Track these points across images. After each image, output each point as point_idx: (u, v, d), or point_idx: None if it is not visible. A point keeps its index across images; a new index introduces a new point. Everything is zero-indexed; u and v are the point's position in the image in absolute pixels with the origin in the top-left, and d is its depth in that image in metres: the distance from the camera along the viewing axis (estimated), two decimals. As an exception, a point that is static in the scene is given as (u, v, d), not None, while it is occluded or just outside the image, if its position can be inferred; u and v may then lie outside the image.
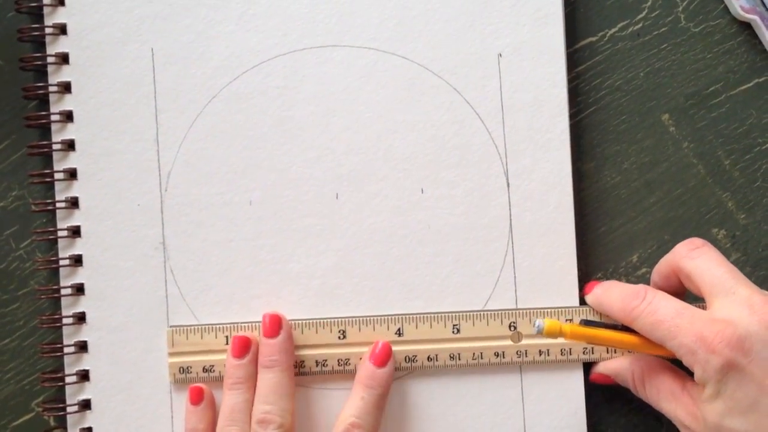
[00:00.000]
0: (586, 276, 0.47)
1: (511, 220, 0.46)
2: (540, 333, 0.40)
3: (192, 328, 0.46)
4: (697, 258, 0.41)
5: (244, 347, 0.45)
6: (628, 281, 0.47)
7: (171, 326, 0.46)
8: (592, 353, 0.45)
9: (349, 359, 0.46)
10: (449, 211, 0.46)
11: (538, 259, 0.46)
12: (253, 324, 0.46)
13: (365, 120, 0.47)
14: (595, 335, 0.42)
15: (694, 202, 0.48)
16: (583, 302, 0.46)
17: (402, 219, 0.46)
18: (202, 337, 0.46)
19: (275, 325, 0.45)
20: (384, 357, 0.45)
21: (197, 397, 0.45)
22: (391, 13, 0.46)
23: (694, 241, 0.42)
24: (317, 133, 0.47)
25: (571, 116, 0.47)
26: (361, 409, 0.44)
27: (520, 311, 0.46)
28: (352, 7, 0.46)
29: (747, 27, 0.48)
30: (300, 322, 0.46)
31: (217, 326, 0.46)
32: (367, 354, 0.45)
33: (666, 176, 0.48)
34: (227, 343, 0.46)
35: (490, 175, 0.46)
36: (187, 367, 0.46)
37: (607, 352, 0.45)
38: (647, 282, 0.47)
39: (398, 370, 0.46)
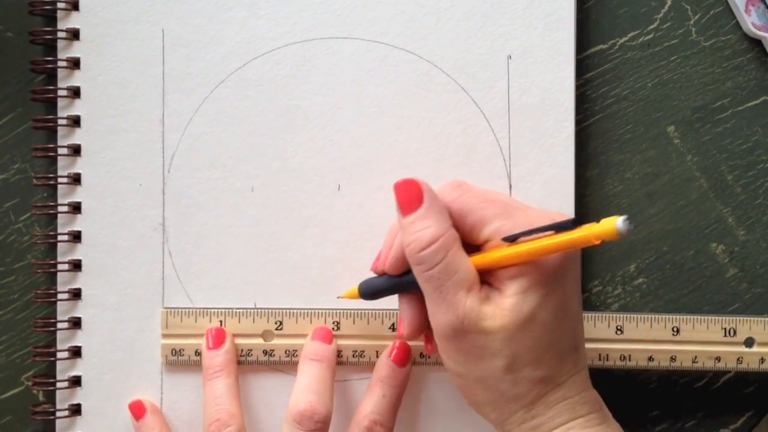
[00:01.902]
0: (583, 283, 0.47)
1: (511, 222, 0.46)
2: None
3: (186, 310, 0.46)
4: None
5: (220, 338, 0.45)
6: (624, 290, 0.48)
7: (166, 308, 0.46)
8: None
9: (341, 351, 0.46)
10: (450, 209, 0.46)
11: (535, 262, 0.46)
12: (246, 310, 0.46)
13: (371, 113, 0.47)
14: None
15: (695, 215, 0.48)
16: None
17: (402, 215, 0.46)
18: (196, 321, 0.46)
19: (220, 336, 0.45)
20: (405, 357, 0.45)
21: (139, 411, 0.46)
22: (403, 9, 0.46)
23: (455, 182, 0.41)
24: (322, 123, 0.47)
25: (577, 122, 0.47)
26: (383, 406, 0.44)
27: None
28: (365, 1, 0.46)
29: (757, 44, 0.48)
30: (294, 311, 0.46)
31: (212, 310, 0.46)
32: (386, 352, 0.45)
33: (668, 188, 0.48)
34: (221, 327, 0.46)
35: (493, 176, 0.46)
36: (180, 350, 0.46)
37: (599, 360, 0.45)
38: (644, 291, 0.47)
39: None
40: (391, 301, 0.46)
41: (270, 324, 0.46)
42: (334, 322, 0.46)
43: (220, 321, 0.46)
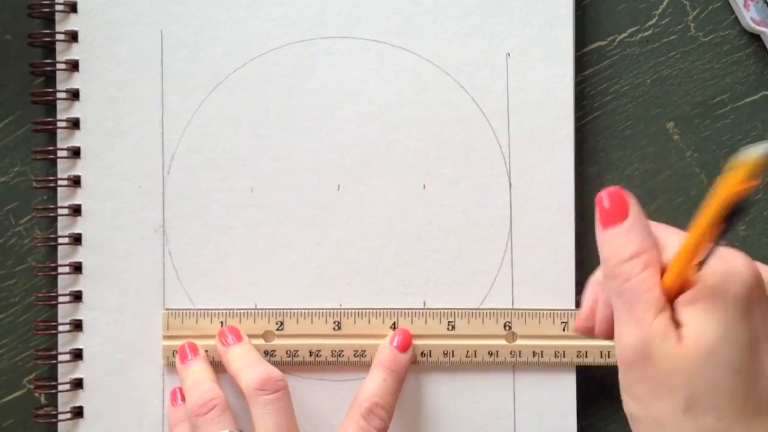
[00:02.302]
0: (583, 280, 0.47)
1: (511, 220, 0.46)
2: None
3: (187, 312, 0.46)
4: None
5: (192, 351, 0.46)
6: (625, 287, 0.48)
7: (167, 309, 0.46)
8: (586, 357, 0.45)
9: (342, 351, 0.46)
10: (450, 208, 0.46)
11: (536, 260, 0.46)
12: (247, 311, 0.46)
13: (370, 113, 0.47)
14: None
15: (695, 211, 0.48)
16: (579, 305, 0.46)
17: (402, 214, 0.46)
18: (197, 322, 0.46)
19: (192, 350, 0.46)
20: (406, 343, 0.45)
21: (186, 355, 0.46)
22: (401, 8, 0.46)
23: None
24: (322, 123, 0.47)
25: (576, 119, 0.47)
26: (384, 389, 0.44)
27: (516, 311, 0.46)
28: (363, 0, 0.46)
29: (756, 39, 0.48)
30: (295, 311, 0.46)
31: (213, 311, 0.46)
32: (388, 339, 0.45)
33: (668, 184, 0.48)
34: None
35: (492, 174, 0.46)
36: None
37: (601, 357, 0.45)
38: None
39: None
40: (391, 301, 0.46)
41: (271, 324, 0.46)
42: (335, 322, 0.46)
43: (221, 322, 0.46)
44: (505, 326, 0.46)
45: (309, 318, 0.46)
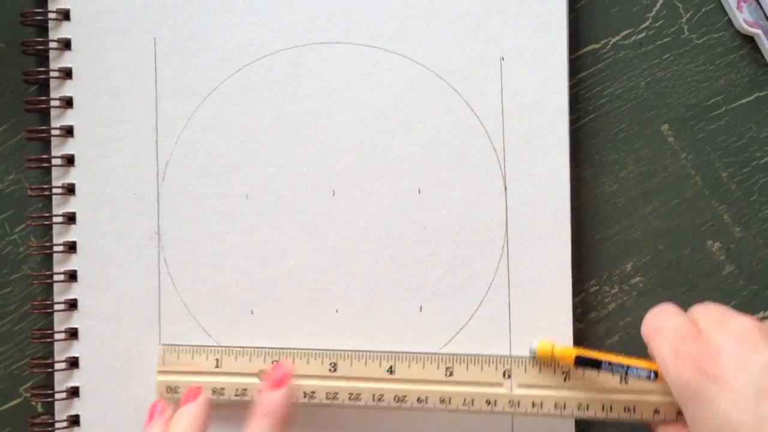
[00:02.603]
0: (579, 282, 0.47)
1: (507, 224, 0.46)
2: (533, 356, 0.41)
3: (183, 348, 0.45)
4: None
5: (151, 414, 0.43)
6: (621, 290, 0.48)
7: (163, 344, 0.46)
8: (587, 410, 0.44)
9: (337, 393, 0.45)
10: (445, 212, 0.46)
11: (532, 263, 0.46)
12: (243, 349, 0.45)
13: (365, 118, 0.47)
14: (584, 353, 0.42)
15: (690, 213, 0.48)
16: (576, 308, 0.46)
17: (397, 219, 0.46)
18: (192, 358, 0.45)
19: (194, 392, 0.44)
20: (281, 378, 0.43)
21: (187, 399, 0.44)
22: (395, 12, 0.46)
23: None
24: (316, 129, 0.46)
25: (571, 122, 0.47)
26: None
27: (516, 359, 0.44)
28: (356, 5, 0.46)
29: (750, 41, 0.48)
30: (292, 351, 0.45)
31: (209, 348, 0.45)
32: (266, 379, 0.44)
33: (663, 186, 0.48)
34: (217, 366, 0.45)
35: (487, 178, 0.46)
36: (175, 387, 0.45)
37: (625, 412, 0.44)
38: (641, 290, 0.47)
39: (387, 409, 0.45)
40: (387, 306, 0.46)
41: (266, 364, 0.45)
42: (331, 363, 0.45)
43: (216, 359, 0.45)
44: (504, 374, 0.44)
45: (305, 358, 0.45)
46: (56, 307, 0.46)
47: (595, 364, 0.42)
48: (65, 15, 0.46)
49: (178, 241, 0.46)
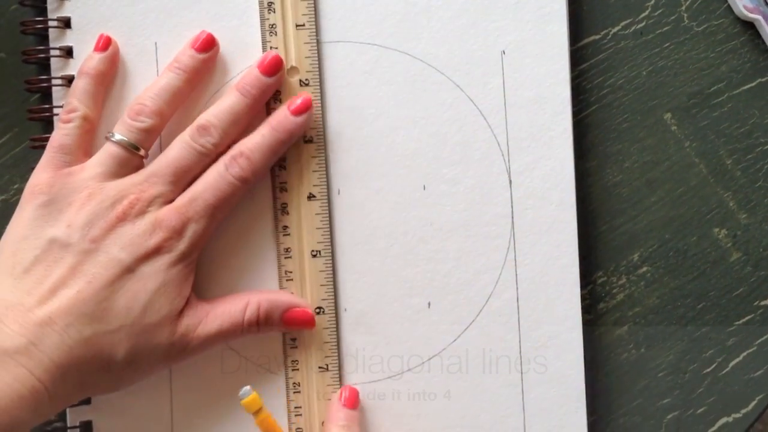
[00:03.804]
0: (587, 274, 0.47)
1: (512, 217, 0.46)
2: (241, 399, 0.42)
3: None
4: None
5: (208, 43, 0.45)
6: (629, 280, 0.48)
7: None
8: None
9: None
10: (451, 208, 0.46)
11: (539, 257, 0.46)
12: None
13: (367, 116, 0.47)
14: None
15: (696, 201, 0.48)
16: (584, 299, 0.46)
17: (403, 215, 0.46)
18: None
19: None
20: (275, 67, 0.45)
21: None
22: (394, 9, 0.46)
23: None
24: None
25: (574, 114, 0.47)
26: (254, 140, 0.44)
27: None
28: (356, 3, 0.46)
29: (750, 27, 0.48)
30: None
31: None
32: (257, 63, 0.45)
33: (667, 175, 0.48)
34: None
35: (492, 172, 0.46)
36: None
37: None
38: (649, 280, 0.47)
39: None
40: (395, 304, 0.46)
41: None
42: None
43: None
44: None
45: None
46: (66, 314, 0.46)
47: None
48: (66, 23, 0.47)
49: (185, 244, 0.46)
